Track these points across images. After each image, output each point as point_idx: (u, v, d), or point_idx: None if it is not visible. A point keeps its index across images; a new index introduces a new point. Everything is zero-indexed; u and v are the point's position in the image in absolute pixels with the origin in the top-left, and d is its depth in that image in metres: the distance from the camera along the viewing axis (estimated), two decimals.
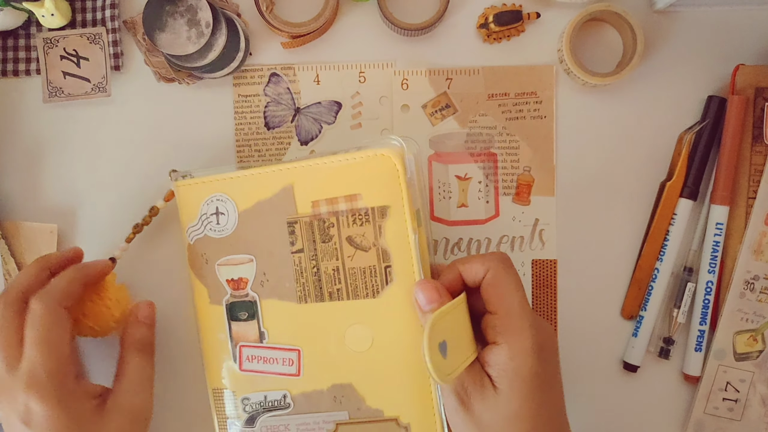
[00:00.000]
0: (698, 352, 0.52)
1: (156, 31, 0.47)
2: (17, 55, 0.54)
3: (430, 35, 0.54)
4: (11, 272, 0.52)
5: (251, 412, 0.48)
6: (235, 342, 0.47)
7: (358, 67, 0.53)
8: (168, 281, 0.53)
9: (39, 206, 0.54)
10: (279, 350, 0.47)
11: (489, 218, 0.53)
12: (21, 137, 0.54)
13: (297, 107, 0.54)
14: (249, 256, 0.47)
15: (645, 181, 0.53)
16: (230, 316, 0.47)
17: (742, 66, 0.52)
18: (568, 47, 0.51)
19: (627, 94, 0.53)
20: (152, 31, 0.47)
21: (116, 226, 0.54)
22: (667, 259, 0.52)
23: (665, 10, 0.53)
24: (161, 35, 0.47)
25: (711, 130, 0.52)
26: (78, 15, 0.54)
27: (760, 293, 0.51)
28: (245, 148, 0.54)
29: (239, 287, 0.47)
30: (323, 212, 0.45)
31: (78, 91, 0.53)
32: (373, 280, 0.45)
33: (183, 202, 0.48)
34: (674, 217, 0.52)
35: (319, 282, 0.46)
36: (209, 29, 0.47)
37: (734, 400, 0.51)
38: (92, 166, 0.54)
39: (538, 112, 0.53)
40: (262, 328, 0.47)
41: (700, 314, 0.52)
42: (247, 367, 0.47)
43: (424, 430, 0.45)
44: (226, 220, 0.47)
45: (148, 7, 0.47)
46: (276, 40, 0.53)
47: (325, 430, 0.47)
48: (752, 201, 0.52)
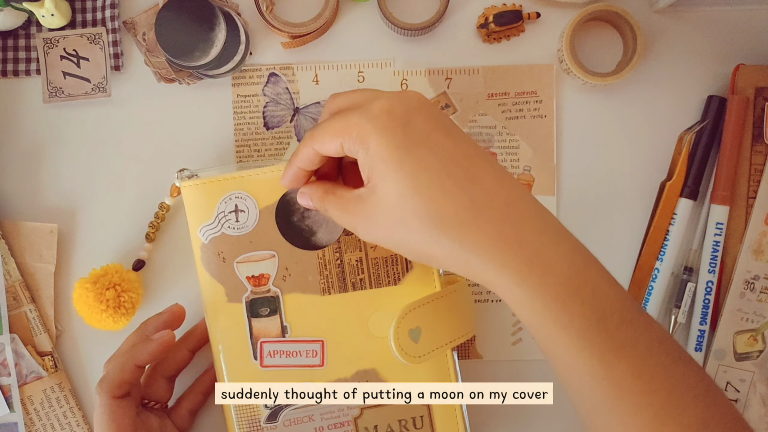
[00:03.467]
0: (698, 352, 0.52)
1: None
2: (17, 55, 0.54)
3: (430, 35, 0.54)
4: (11, 272, 0.52)
5: (273, 408, 0.48)
6: (255, 338, 0.48)
7: (357, 66, 0.54)
8: (169, 282, 0.53)
9: (39, 206, 0.54)
10: (302, 343, 0.47)
11: None
12: (21, 137, 0.54)
13: (296, 107, 0.54)
14: (271, 252, 0.47)
15: (645, 181, 0.53)
16: (251, 313, 0.48)
17: (742, 66, 0.52)
18: (568, 47, 0.51)
19: (627, 94, 0.53)
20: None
21: (116, 225, 0.54)
22: (667, 259, 0.52)
23: (665, 10, 0.53)
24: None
25: (711, 130, 0.52)
26: (78, 15, 0.54)
27: (760, 293, 0.51)
28: (244, 148, 0.54)
29: (260, 283, 0.48)
30: None
31: (78, 91, 0.53)
32: (395, 269, 0.47)
33: (192, 202, 0.48)
34: (674, 217, 0.52)
35: (343, 273, 0.47)
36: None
37: (734, 400, 0.51)
38: (92, 166, 0.54)
39: (538, 112, 0.53)
40: (285, 322, 0.48)
41: (700, 314, 0.52)
42: (268, 363, 0.48)
43: (446, 410, 0.47)
44: (246, 217, 0.47)
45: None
46: (276, 40, 0.53)
47: (350, 416, 0.47)
48: (752, 201, 0.52)
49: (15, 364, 0.52)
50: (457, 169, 0.36)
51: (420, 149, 0.36)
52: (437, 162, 0.36)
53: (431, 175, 0.36)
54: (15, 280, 0.52)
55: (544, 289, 0.35)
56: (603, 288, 0.35)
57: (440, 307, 0.46)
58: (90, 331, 0.53)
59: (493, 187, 0.36)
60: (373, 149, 0.37)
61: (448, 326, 0.46)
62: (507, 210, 0.36)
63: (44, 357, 0.52)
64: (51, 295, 0.53)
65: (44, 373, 0.52)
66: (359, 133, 0.37)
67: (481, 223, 0.35)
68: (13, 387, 0.52)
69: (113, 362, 0.46)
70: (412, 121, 0.37)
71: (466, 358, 0.53)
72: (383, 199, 0.37)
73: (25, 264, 0.53)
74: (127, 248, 0.53)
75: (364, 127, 0.37)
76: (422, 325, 0.44)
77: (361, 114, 0.37)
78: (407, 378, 0.47)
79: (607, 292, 0.35)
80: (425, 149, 0.36)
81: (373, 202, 0.38)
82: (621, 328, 0.34)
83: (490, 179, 0.36)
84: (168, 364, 0.49)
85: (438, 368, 0.47)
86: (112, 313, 0.50)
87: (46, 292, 0.53)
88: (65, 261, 0.54)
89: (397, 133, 0.36)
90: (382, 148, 0.36)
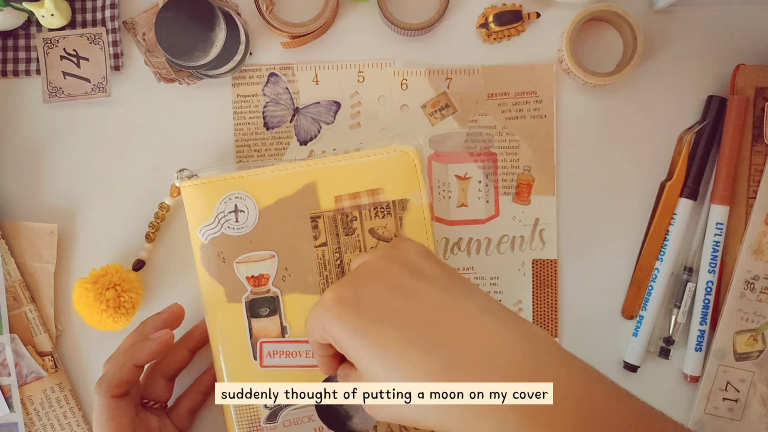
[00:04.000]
0: (698, 351, 0.52)
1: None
2: (17, 55, 0.54)
3: (430, 35, 0.54)
4: (11, 272, 0.52)
5: (272, 408, 0.48)
6: (255, 339, 0.48)
7: (357, 66, 0.53)
8: (169, 282, 0.53)
9: (39, 206, 0.54)
10: (302, 343, 0.48)
11: (489, 218, 0.53)
12: (21, 137, 0.54)
13: (296, 107, 0.54)
14: (271, 252, 0.48)
15: (645, 181, 0.53)
16: (250, 313, 0.48)
17: (742, 66, 0.52)
18: (568, 47, 0.51)
19: (627, 94, 0.53)
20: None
21: (116, 226, 0.54)
22: (667, 259, 0.52)
23: (665, 10, 0.53)
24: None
25: (711, 130, 0.52)
26: (78, 15, 0.54)
27: (760, 293, 0.51)
28: (244, 148, 0.54)
29: (260, 284, 0.48)
30: (346, 206, 0.47)
31: (78, 91, 0.53)
32: None
33: (191, 202, 0.48)
34: (674, 217, 0.52)
35: (343, 273, 0.47)
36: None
37: (734, 400, 0.51)
38: (92, 166, 0.54)
39: (538, 112, 0.53)
40: (285, 322, 0.48)
41: (700, 314, 0.52)
42: (268, 363, 0.48)
43: None
44: (245, 217, 0.48)
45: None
46: (276, 40, 0.53)
47: None
48: (752, 201, 0.52)
49: (15, 364, 0.52)
50: (421, 335, 0.34)
51: (376, 326, 0.35)
52: (397, 334, 0.35)
53: (394, 350, 0.34)
54: (15, 280, 0.52)
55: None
56: (613, 414, 0.33)
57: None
58: (90, 331, 0.53)
59: (463, 339, 0.34)
60: (337, 340, 0.37)
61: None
62: (483, 361, 0.33)
63: (44, 357, 0.52)
64: (51, 295, 0.53)
65: (44, 373, 0.52)
66: (324, 328, 0.37)
67: (459, 383, 0.33)
68: (13, 387, 0.52)
69: (112, 361, 0.46)
70: (361, 300, 0.36)
71: None
72: (369, 379, 0.36)
73: (25, 264, 0.53)
74: (127, 248, 0.53)
75: (324, 321, 0.37)
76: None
77: (317, 309, 0.38)
78: None
79: (618, 417, 0.33)
80: (381, 324, 0.35)
81: (366, 381, 0.37)
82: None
83: (459, 330, 0.34)
84: (167, 363, 0.49)
85: None
86: (112, 313, 0.50)
87: (46, 292, 0.53)
88: (65, 261, 0.54)
89: (348, 320, 0.36)
90: (342, 337, 0.36)
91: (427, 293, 0.36)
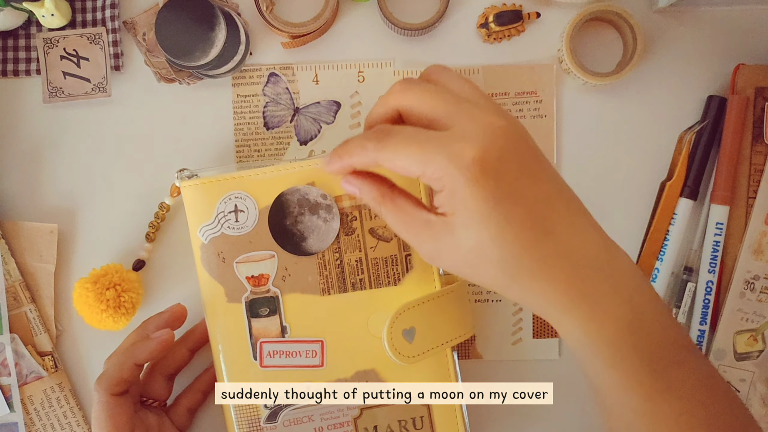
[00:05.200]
0: None
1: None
2: (17, 55, 0.54)
3: (430, 35, 0.54)
4: (11, 272, 0.52)
5: (272, 408, 0.48)
6: (255, 339, 0.48)
7: (357, 66, 0.54)
8: (169, 282, 0.53)
9: (39, 206, 0.54)
10: (302, 343, 0.48)
11: None
12: (21, 137, 0.54)
13: (296, 107, 0.54)
14: (271, 252, 0.47)
15: (645, 181, 0.53)
16: (250, 313, 0.48)
17: (742, 66, 0.52)
18: (568, 47, 0.51)
19: (627, 94, 0.53)
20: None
21: (116, 226, 0.54)
22: (667, 259, 0.52)
23: (665, 10, 0.53)
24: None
25: (711, 130, 0.52)
26: (78, 15, 0.54)
27: (760, 293, 0.51)
28: (244, 148, 0.54)
29: (260, 283, 0.48)
30: (346, 207, 0.47)
31: (78, 91, 0.53)
32: (395, 269, 0.47)
33: (191, 202, 0.48)
34: (674, 217, 0.52)
35: (342, 273, 0.47)
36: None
37: None
38: (92, 166, 0.54)
39: (538, 112, 0.53)
40: (285, 322, 0.48)
41: (700, 314, 0.52)
42: (268, 363, 0.48)
43: (446, 410, 0.47)
44: (245, 217, 0.48)
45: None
46: (276, 40, 0.53)
47: (350, 416, 0.47)
48: (752, 201, 0.52)
49: (15, 364, 0.52)
50: (538, 220, 0.36)
51: (507, 202, 0.35)
52: (521, 214, 0.36)
53: (515, 229, 0.35)
54: (15, 280, 0.52)
55: (600, 337, 0.36)
56: (657, 331, 0.36)
57: (436, 307, 0.46)
58: (90, 331, 0.53)
59: (566, 239, 0.36)
60: (459, 197, 0.36)
61: (444, 326, 0.46)
62: (575, 267, 0.36)
63: (44, 357, 0.52)
64: (51, 295, 0.53)
65: (44, 373, 0.52)
66: (447, 178, 0.35)
67: (551, 276, 0.36)
68: (13, 387, 0.52)
69: (113, 360, 0.46)
70: (502, 172, 0.36)
71: (466, 358, 0.53)
72: (460, 241, 0.36)
73: (25, 264, 0.53)
74: (127, 248, 0.53)
75: (453, 174, 0.35)
76: (417, 326, 0.45)
77: (451, 159, 0.35)
78: (407, 378, 0.47)
79: (661, 334, 0.36)
80: (511, 201, 0.36)
81: (444, 235, 0.37)
82: (670, 369, 0.36)
83: (565, 229, 0.37)
84: (167, 362, 0.50)
85: (438, 368, 0.47)
86: (112, 313, 0.50)
87: (46, 292, 0.53)
88: (65, 261, 0.54)
89: (488, 186, 0.35)
90: (471, 200, 0.35)
91: (547, 180, 0.37)
